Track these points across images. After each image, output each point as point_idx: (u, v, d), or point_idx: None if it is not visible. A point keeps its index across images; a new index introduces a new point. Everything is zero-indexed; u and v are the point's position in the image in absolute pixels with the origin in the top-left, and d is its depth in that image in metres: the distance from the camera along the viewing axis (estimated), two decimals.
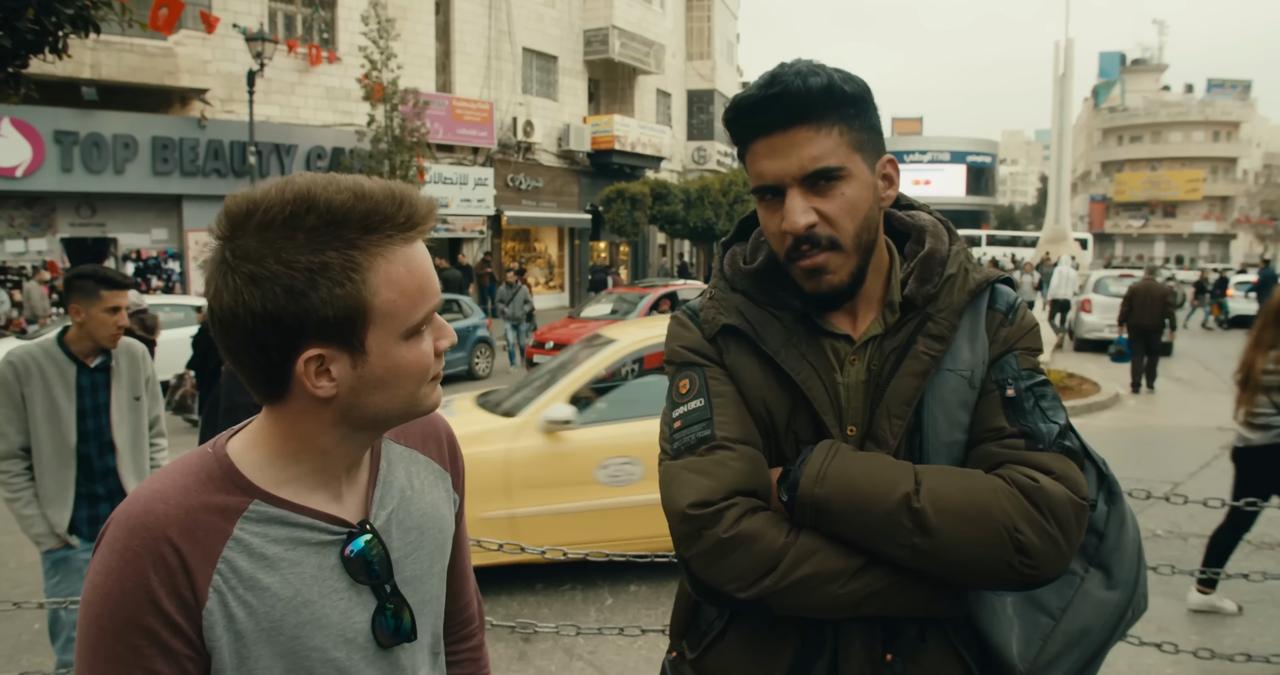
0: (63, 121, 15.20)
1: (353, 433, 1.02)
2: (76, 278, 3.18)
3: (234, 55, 17.25)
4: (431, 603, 1.14)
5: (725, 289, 1.38)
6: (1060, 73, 35.03)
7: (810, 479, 1.20)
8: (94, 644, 0.91)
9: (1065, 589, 1.32)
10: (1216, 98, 72.61)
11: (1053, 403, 1.26)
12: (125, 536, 0.92)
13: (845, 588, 1.18)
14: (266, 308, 0.90)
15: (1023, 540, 1.15)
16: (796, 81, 1.19)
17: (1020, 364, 1.29)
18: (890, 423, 1.26)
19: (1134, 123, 72.56)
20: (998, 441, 1.24)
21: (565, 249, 28.13)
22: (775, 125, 1.22)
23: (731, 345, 1.32)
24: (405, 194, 0.95)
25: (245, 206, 0.91)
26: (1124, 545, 1.36)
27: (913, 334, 1.28)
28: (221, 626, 0.94)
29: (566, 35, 26.63)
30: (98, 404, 3.29)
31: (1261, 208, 62.53)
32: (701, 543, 1.19)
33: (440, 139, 21.24)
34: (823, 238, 1.23)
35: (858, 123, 1.23)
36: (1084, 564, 1.34)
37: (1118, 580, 1.34)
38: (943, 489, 1.17)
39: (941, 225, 1.39)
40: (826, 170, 1.21)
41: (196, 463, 1.00)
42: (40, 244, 15.77)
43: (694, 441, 1.26)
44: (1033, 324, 1.33)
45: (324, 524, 1.01)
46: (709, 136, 33.80)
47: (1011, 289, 1.37)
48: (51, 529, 3.22)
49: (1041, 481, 1.19)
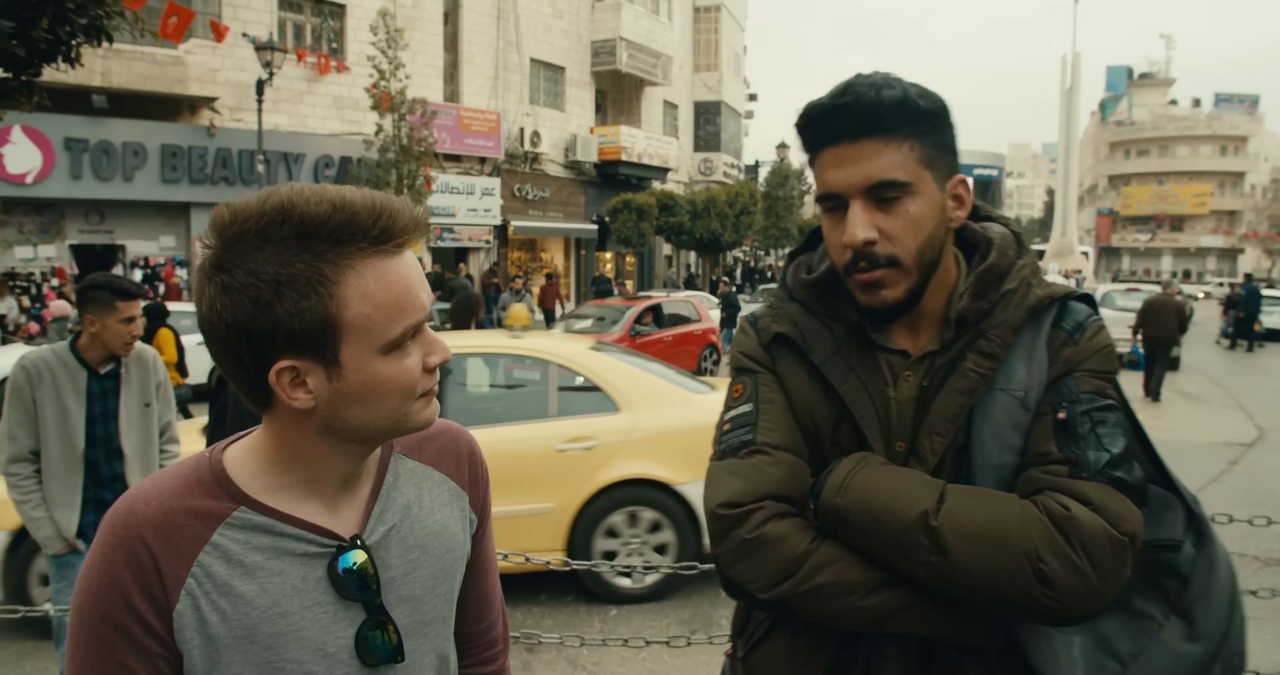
0: (73, 129, 15.28)
1: (341, 444, 1.00)
2: (91, 288, 3.20)
3: (243, 64, 17.35)
4: (433, 624, 1.11)
5: (784, 298, 1.39)
6: (1067, 86, 35.04)
7: (833, 489, 1.20)
8: (76, 633, 0.94)
9: (1140, 635, 1.22)
10: (1224, 112, 72.60)
11: (1113, 429, 1.18)
12: (107, 533, 0.95)
13: (865, 601, 1.17)
14: (237, 318, 0.91)
15: (1045, 571, 1.09)
16: (869, 93, 1.18)
17: (1080, 386, 1.21)
18: (931, 440, 1.23)
19: (1141, 137, 72.58)
20: (1042, 467, 1.18)
21: (571, 259, 28.17)
22: (844, 135, 1.20)
23: (783, 353, 1.34)
24: (386, 205, 0.94)
25: (228, 216, 0.92)
26: (1212, 593, 1.25)
27: (963, 351, 1.24)
28: (192, 629, 0.94)
29: (574, 46, 26.75)
30: (107, 410, 3.31)
31: (1269, 222, 62.38)
32: (728, 542, 1.22)
33: (447, 149, 21.31)
34: (881, 256, 1.21)
35: (930, 139, 1.21)
36: (1164, 610, 1.24)
37: (1201, 632, 1.23)
38: (964, 510, 1.14)
39: (1013, 238, 1.33)
40: (892, 184, 1.19)
41: (191, 467, 1.01)
42: (49, 251, 15.84)
43: (737, 445, 1.28)
44: (1103, 345, 1.25)
45: (312, 535, 1.00)
46: (715, 148, 33.87)
47: (1088, 306, 1.29)
48: (59, 532, 3.23)
49: (1074, 510, 1.12)
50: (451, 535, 1.14)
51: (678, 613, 4.96)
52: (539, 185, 25.30)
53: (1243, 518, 3.59)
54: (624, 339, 13.24)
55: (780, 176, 34.23)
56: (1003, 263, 1.28)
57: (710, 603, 5.07)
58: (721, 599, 5.09)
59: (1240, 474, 8.53)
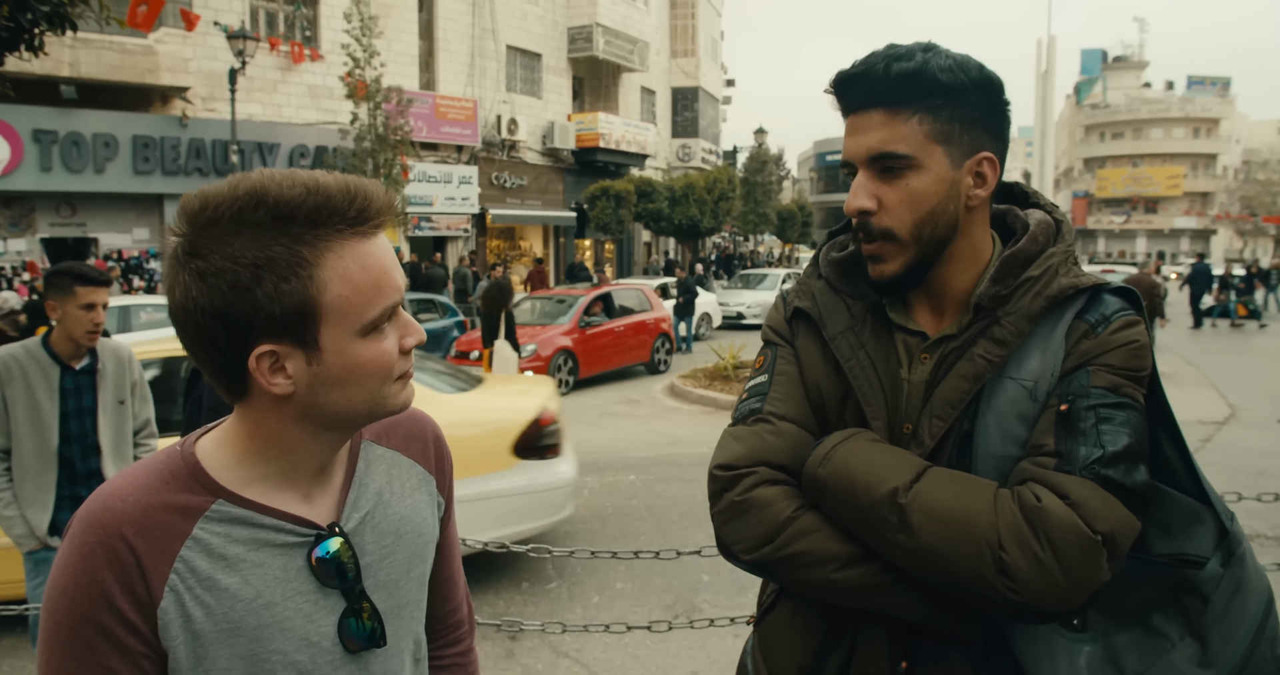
0: (41, 120, 15.02)
1: (320, 432, 1.00)
2: (53, 275, 3.16)
3: (215, 53, 17.10)
4: (409, 608, 1.12)
5: (812, 274, 1.41)
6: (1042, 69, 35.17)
7: (816, 459, 1.21)
8: (51, 638, 0.91)
9: (1150, 653, 1.16)
10: (1197, 95, 73.19)
11: (1118, 428, 1.12)
12: (83, 533, 0.92)
13: (839, 574, 1.18)
14: (214, 304, 0.90)
15: (1006, 560, 1.07)
16: (880, 65, 1.18)
17: (1093, 381, 1.15)
18: (931, 423, 1.21)
19: (1116, 119, 73.07)
20: (1033, 458, 1.15)
21: (550, 247, 28.06)
22: (855, 105, 1.22)
23: (801, 328, 1.36)
24: (360, 188, 0.94)
25: (198, 203, 0.91)
26: (1233, 617, 1.17)
27: (975, 336, 1.22)
28: (177, 626, 0.93)
29: (550, 33, 26.56)
30: (81, 407, 3.27)
31: (1241, 203, 63.08)
32: (720, 503, 1.26)
33: (424, 137, 21.14)
34: (876, 229, 1.23)
35: (946, 113, 1.18)
36: (1181, 630, 1.18)
37: (1215, 657, 1.15)
38: (935, 490, 1.13)
39: (1052, 225, 1.29)
40: (891, 156, 1.19)
41: (163, 461, 0.99)
42: (20, 244, 15.60)
43: (746, 413, 1.32)
44: (1128, 341, 1.18)
45: (290, 525, 1.00)
46: (693, 134, 33.79)
47: (1124, 300, 1.22)
48: (31, 531, 3.20)
49: (1045, 502, 1.08)
50: (422, 519, 1.15)
51: (660, 598, 4.99)
52: (517, 173, 25.16)
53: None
54: (573, 331, 12.91)
55: (758, 162, 34.19)
56: (1030, 248, 1.25)
57: (691, 588, 5.10)
58: (703, 585, 5.12)
59: (1213, 451, 8.66)
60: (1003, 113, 1.24)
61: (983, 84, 1.20)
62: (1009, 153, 1.29)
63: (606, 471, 8.00)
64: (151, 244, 17.16)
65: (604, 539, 6.01)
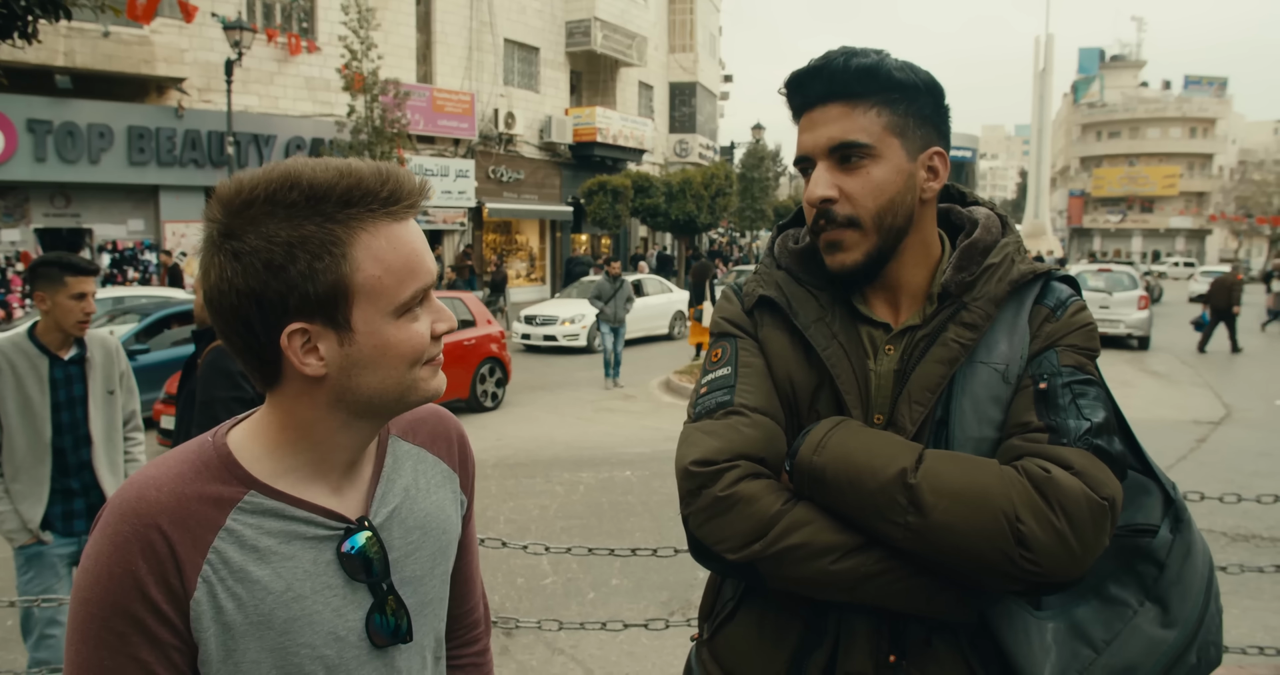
0: (36, 110, 14.95)
1: (351, 420, 1.00)
2: (41, 265, 3.12)
3: (212, 44, 17.03)
4: (432, 605, 1.12)
5: (771, 265, 1.40)
6: (1040, 68, 35.23)
7: (810, 447, 1.19)
8: (82, 628, 0.91)
9: (1114, 621, 1.21)
10: (1194, 94, 73.28)
11: (1093, 402, 1.18)
12: (117, 522, 0.91)
13: (837, 565, 1.15)
14: (249, 284, 0.90)
15: (1024, 531, 1.08)
16: (840, 60, 1.22)
17: (1062, 360, 1.22)
18: (910, 409, 1.22)
19: (1112, 119, 73.15)
20: (1022, 435, 1.18)
21: (547, 241, 28.04)
22: (814, 100, 1.25)
23: (766, 318, 1.34)
24: (392, 172, 0.95)
25: (233, 187, 0.93)
26: (1187, 578, 1.24)
27: (945, 323, 1.25)
28: (209, 617, 0.92)
29: (548, 27, 26.50)
30: (72, 397, 3.24)
31: (1236, 204, 63.23)
32: (699, 500, 1.20)
33: (421, 130, 21.10)
34: (839, 215, 1.24)
35: (902, 108, 1.23)
36: (1139, 596, 1.23)
37: (1176, 618, 1.22)
38: (943, 468, 1.13)
39: (997, 219, 1.35)
40: (853, 145, 1.22)
41: (195, 451, 0.99)
42: (14, 234, 15.54)
43: (713, 406, 1.27)
44: (1085, 322, 1.26)
45: (321, 518, 1.00)
46: (691, 129, 33.76)
47: (1071, 287, 1.30)
48: (24, 524, 3.17)
49: (1054, 473, 1.11)
50: (446, 516, 1.15)
51: (655, 595, 4.97)
52: (514, 167, 25.12)
53: (1213, 495, 3.64)
54: None
55: (756, 158, 34.16)
56: (986, 238, 1.30)
57: (687, 586, 5.09)
58: (699, 581, 5.11)
59: (1208, 451, 8.68)
60: (946, 114, 1.30)
61: (930, 85, 1.26)
62: (1006, 151, 1.28)
63: (602, 467, 7.99)
64: (146, 235, 17.10)
65: (600, 535, 6.00)
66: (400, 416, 1.13)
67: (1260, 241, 66.06)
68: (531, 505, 6.82)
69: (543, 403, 11.57)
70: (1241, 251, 67.00)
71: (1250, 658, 3.59)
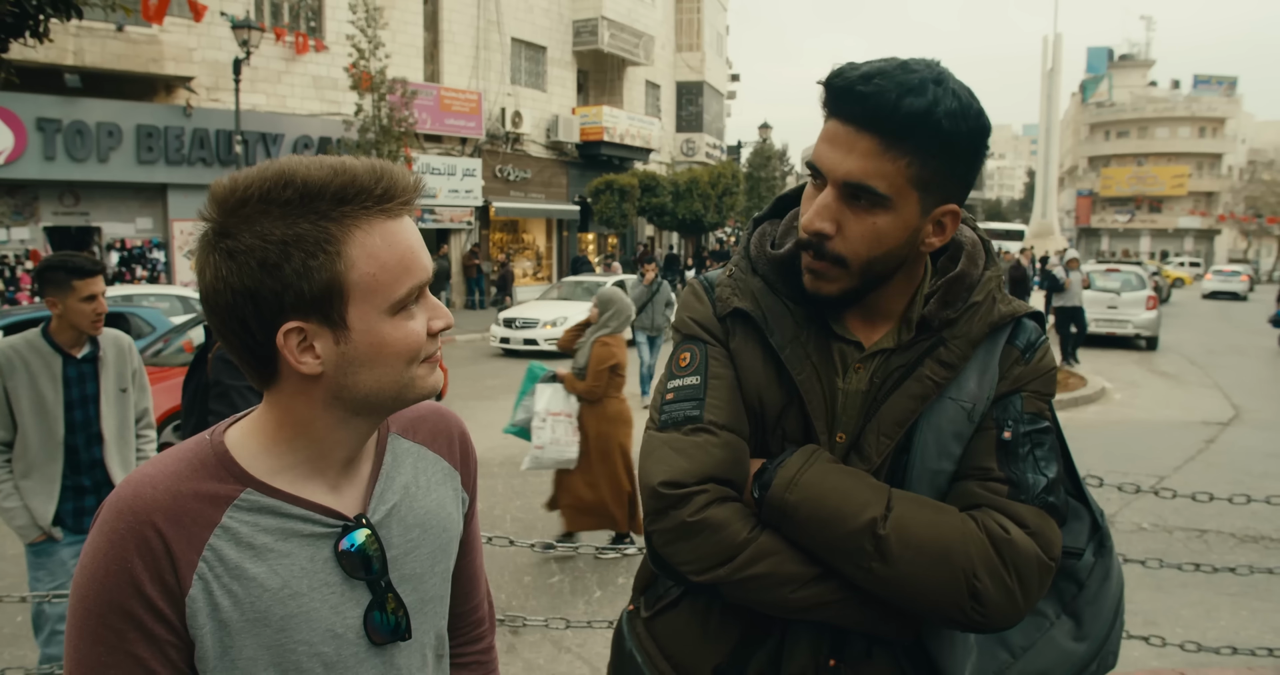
0: (45, 109, 15.01)
1: (348, 417, 1.00)
2: (46, 270, 3.11)
3: (220, 43, 17.08)
4: (433, 603, 1.12)
5: (747, 269, 1.33)
6: (1048, 67, 35.11)
7: (783, 483, 1.19)
8: (80, 624, 0.91)
9: (1032, 630, 1.32)
10: (1203, 94, 72.95)
11: (1048, 454, 1.24)
12: (113, 519, 0.92)
13: (796, 594, 1.18)
14: (244, 282, 0.90)
15: (979, 588, 1.14)
16: (892, 96, 1.10)
17: (1025, 407, 1.25)
18: (878, 440, 1.24)
19: (1121, 118, 72.84)
20: (982, 482, 1.22)
21: (554, 240, 28.05)
22: (851, 118, 1.14)
23: (739, 330, 1.30)
24: (385, 169, 0.95)
25: (228, 186, 0.92)
26: (1102, 599, 1.35)
27: (921, 356, 1.24)
28: (205, 614, 0.93)
29: (555, 26, 26.50)
30: (85, 395, 3.25)
31: (1245, 204, 62.93)
32: (666, 521, 1.20)
33: (428, 129, 21.12)
34: (829, 251, 1.19)
35: (934, 163, 1.14)
36: (1057, 610, 1.34)
37: (1087, 633, 1.33)
38: (911, 521, 1.16)
39: (981, 246, 1.33)
40: (868, 190, 1.14)
41: (192, 449, 0.99)
42: (23, 233, 15.60)
43: (681, 418, 1.25)
44: (1049, 367, 1.29)
45: (318, 516, 1.00)
46: (698, 128, 33.74)
47: (1037, 324, 1.31)
48: (34, 521, 3.18)
49: (1013, 534, 1.17)
50: (447, 514, 1.15)
51: None
52: (521, 166, 25.14)
53: (1222, 496, 3.63)
54: None
55: (763, 157, 34.17)
56: (973, 273, 1.29)
57: None
58: None
59: (1217, 452, 8.65)
60: (981, 162, 1.22)
61: (976, 133, 1.16)
62: (1014, 151, 1.27)
63: None
64: (155, 234, 17.16)
65: (606, 533, 6.00)
66: (400, 414, 1.13)
67: (1270, 242, 65.76)
68: (538, 503, 6.82)
69: None
70: (1251, 252, 66.67)
71: (1259, 660, 3.58)
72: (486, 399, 11.49)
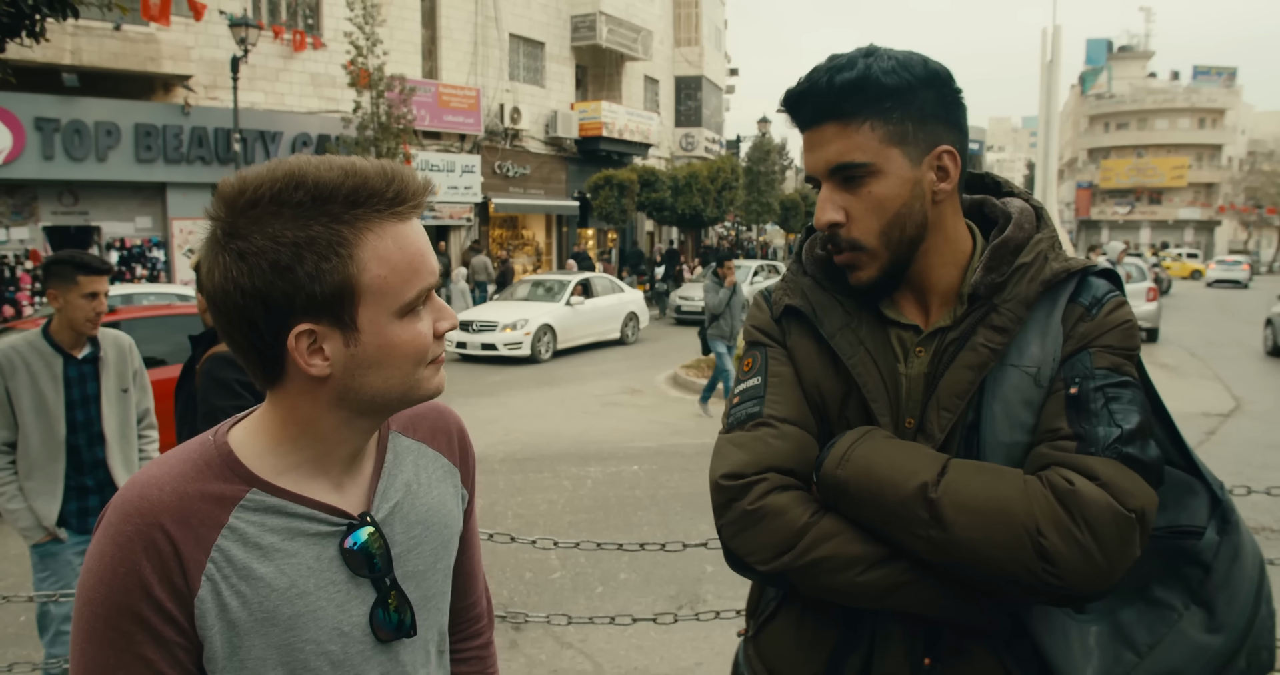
0: (43, 108, 14.98)
1: (353, 417, 1.00)
2: (55, 263, 3.14)
3: (217, 41, 17.04)
4: (435, 599, 1.13)
5: (798, 271, 1.38)
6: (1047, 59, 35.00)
7: (834, 460, 1.19)
8: (87, 628, 0.91)
9: (1158, 625, 1.19)
10: (1202, 85, 72.79)
11: (1127, 406, 1.14)
12: (119, 521, 0.92)
13: (864, 576, 1.16)
14: (255, 284, 0.90)
15: (1046, 546, 1.07)
16: (824, 79, 1.19)
17: (1096, 362, 1.17)
18: (939, 416, 1.21)
19: (1120, 110, 72.72)
20: (1050, 443, 1.15)
21: (553, 236, 28.02)
22: (806, 122, 1.23)
23: (793, 326, 1.33)
24: (397, 171, 0.95)
25: (237, 186, 0.92)
26: (1235, 582, 1.20)
27: (974, 326, 1.22)
28: (214, 615, 0.93)
29: (554, 21, 26.44)
30: (86, 395, 3.26)
31: (1245, 195, 62.84)
32: (730, 513, 1.22)
33: (427, 126, 21.09)
34: (844, 241, 1.24)
35: (897, 115, 1.18)
36: (1185, 600, 1.20)
37: (1222, 622, 1.18)
38: (964, 482, 1.12)
39: (1032, 212, 1.30)
40: (850, 166, 1.20)
41: (196, 450, 0.99)
42: (22, 233, 15.58)
43: (744, 417, 1.27)
44: (1122, 320, 1.20)
45: (323, 515, 1.00)
46: (697, 123, 33.68)
47: (1109, 282, 1.25)
48: (39, 522, 3.19)
49: (1078, 485, 1.08)
50: (448, 511, 1.16)
51: (664, 589, 4.99)
52: (520, 162, 25.10)
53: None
54: None
55: (762, 151, 34.07)
56: (1018, 236, 1.26)
57: (695, 580, 5.10)
58: (707, 576, 5.12)
59: (1218, 444, 8.66)
60: (956, 103, 1.23)
61: (929, 79, 1.20)
62: (1013, 143, 1.27)
63: (609, 461, 8.00)
64: (154, 233, 17.15)
65: (607, 529, 6.01)
66: (400, 411, 1.13)
67: (1270, 233, 65.68)
68: (539, 500, 6.84)
69: (549, 397, 11.60)
70: (1251, 243, 66.60)
71: None
72: (486, 396, 11.51)
